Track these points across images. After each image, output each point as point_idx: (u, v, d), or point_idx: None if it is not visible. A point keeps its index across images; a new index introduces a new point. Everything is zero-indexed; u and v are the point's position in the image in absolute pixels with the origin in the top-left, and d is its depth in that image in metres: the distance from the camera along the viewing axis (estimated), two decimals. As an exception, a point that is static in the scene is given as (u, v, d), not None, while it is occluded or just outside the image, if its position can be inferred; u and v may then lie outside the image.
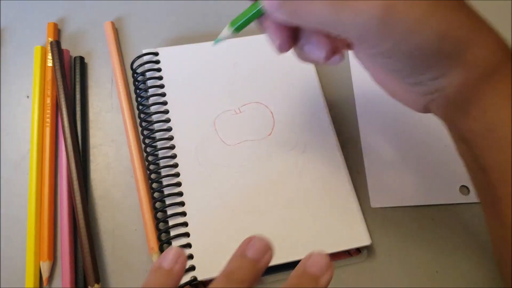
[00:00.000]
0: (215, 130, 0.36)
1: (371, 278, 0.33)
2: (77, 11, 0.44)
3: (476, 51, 0.24)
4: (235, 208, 0.33)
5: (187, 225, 0.33)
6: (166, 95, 0.37)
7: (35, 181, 0.35)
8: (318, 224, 0.33)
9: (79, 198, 0.33)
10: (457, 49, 0.23)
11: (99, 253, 0.34)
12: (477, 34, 0.24)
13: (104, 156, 0.37)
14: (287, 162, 0.35)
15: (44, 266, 0.33)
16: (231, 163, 0.35)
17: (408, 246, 0.35)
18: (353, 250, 0.34)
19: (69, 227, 0.34)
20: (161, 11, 0.44)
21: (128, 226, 0.35)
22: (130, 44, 0.42)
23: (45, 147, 0.37)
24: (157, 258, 0.33)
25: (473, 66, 0.24)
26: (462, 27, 0.23)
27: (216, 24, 0.44)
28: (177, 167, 0.34)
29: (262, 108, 0.37)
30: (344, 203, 0.34)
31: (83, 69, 0.41)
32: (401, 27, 0.22)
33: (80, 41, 0.42)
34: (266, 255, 0.25)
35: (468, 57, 0.24)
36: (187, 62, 0.39)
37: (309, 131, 0.36)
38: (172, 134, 0.36)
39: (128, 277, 0.33)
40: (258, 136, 0.36)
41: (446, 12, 0.23)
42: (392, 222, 0.35)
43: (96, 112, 0.39)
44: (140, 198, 0.35)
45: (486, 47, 0.24)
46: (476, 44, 0.23)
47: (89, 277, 0.31)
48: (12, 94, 0.40)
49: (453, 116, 0.26)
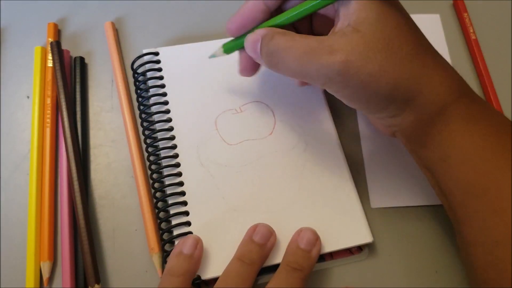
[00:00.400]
0: (216, 129, 0.36)
1: (371, 277, 0.33)
2: (77, 11, 0.44)
3: (425, 96, 0.27)
4: (237, 207, 0.33)
5: (189, 225, 0.33)
6: (167, 95, 0.37)
7: (35, 182, 0.35)
8: (320, 222, 0.33)
9: (79, 199, 0.33)
10: (407, 96, 0.27)
11: (99, 253, 0.34)
12: (427, 81, 0.27)
13: (104, 156, 0.37)
14: (289, 161, 0.35)
15: (44, 266, 0.32)
16: (232, 163, 0.35)
17: (408, 246, 0.35)
18: (354, 249, 0.34)
19: (69, 228, 0.34)
20: (161, 11, 0.44)
21: (129, 226, 0.35)
22: (130, 44, 0.42)
23: (46, 148, 0.37)
24: (157, 259, 0.33)
25: (423, 109, 0.27)
26: (413, 77, 0.26)
27: (216, 24, 0.44)
28: (179, 166, 0.34)
29: (263, 107, 0.37)
30: (345, 201, 0.34)
31: (83, 70, 0.41)
32: (358, 79, 0.26)
33: (80, 42, 0.42)
34: (271, 239, 0.31)
35: (417, 101, 0.27)
36: (188, 62, 0.39)
37: (310, 130, 0.36)
38: (173, 133, 0.36)
39: (129, 277, 0.33)
40: (259, 136, 0.36)
41: (398, 65, 0.26)
42: (393, 222, 0.35)
43: (97, 113, 0.39)
44: (141, 198, 0.35)
45: (435, 91, 0.27)
46: (424, 91, 0.27)
47: (90, 277, 0.31)
48: (12, 95, 0.40)
49: (413, 147, 0.30)
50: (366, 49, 0.26)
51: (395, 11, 0.27)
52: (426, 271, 0.34)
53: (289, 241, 0.31)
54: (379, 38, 0.26)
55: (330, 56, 0.26)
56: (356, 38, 0.26)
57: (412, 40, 0.27)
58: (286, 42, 0.27)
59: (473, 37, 0.43)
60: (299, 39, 0.27)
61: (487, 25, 0.45)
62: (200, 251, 0.31)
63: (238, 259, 0.30)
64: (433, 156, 0.28)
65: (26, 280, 0.32)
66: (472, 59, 0.43)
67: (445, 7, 0.46)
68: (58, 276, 0.33)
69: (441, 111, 0.27)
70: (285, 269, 0.30)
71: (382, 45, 0.26)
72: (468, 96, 0.28)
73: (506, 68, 0.43)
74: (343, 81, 0.26)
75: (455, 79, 0.28)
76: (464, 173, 0.27)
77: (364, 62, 0.26)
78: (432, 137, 0.28)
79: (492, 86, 0.41)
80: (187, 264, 0.30)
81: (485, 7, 0.46)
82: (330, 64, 0.26)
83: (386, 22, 0.26)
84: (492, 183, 0.26)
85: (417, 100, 0.27)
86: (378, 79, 0.26)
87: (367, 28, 0.26)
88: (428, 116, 0.28)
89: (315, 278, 0.33)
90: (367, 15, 0.26)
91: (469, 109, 0.27)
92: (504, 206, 0.25)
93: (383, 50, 0.26)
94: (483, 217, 0.26)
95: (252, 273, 0.30)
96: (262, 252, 0.30)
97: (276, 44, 0.28)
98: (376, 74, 0.26)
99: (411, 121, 0.28)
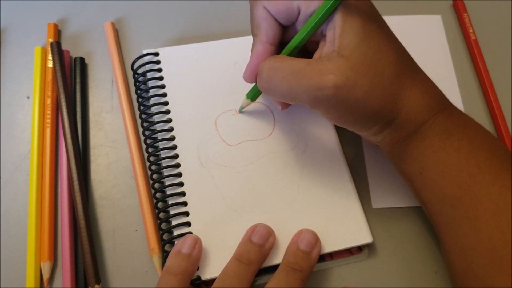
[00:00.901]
0: (216, 130, 0.36)
1: (371, 277, 0.33)
2: (77, 12, 0.44)
3: (402, 116, 0.28)
4: (237, 207, 0.33)
5: (190, 225, 0.33)
6: (167, 95, 0.37)
7: (35, 182, 0.35)
8: (320, 222, 0.33)
9: (80, 199, 0.33)
10: (387, 118, 0.29)
11: (99, 253, 0.34)
12: (405, 102, 0.28)
13: (105, 156, 0.37)
14: (288, 161, 0.35)
15: (44, 266, 0.33)
16: (232, 163, 0.35)
17: (408, 246, 0.35)
18: (354, 249, 0.34)
19: (69, 228, 0.34)
20: (161, 12, 0.44)
21: (129, 227, 0.35)
22: (131, 44, 0.42)
23: (46, 148, 0.37)
24: (157, 259, 0.33)
25: (400, 128, 0.29)
26: (393, 99, 0.28)
27: (216, 25, 0.44)
28: (179, 167, 0.34)
29: (263, 108, 0.37)
30: (345, 202, 0.34)
31: (84, 70, 0.41)
32: (346, 104, 0.27)
33: (80, 42, 0.42)
34: (270, 239, 0.31)
35: (396, 121, 0.29)
36: (188, 62, 0.39)
37: (310, 131, 0.36)
38: (173, 134, 0.36)
39: (129, 277, 0.33)
40: (259, 136, 0.36)
41: (381, 90, 0.27)
42: (393, 222, 0.35)
43: (97, 113, 0.39)
44: (141, 199, 0.35)
45: (412, 111, 0.28)
46: (402, 112, 0.28)
47: (90, 277, 0.31)
48: (13, 95, 0.40)
49: (394, 159, 0.32)
50: (353, 74, 0.27)
51: (376, 33, 0.28)
52: (425, 272, 0.34)
53: (289, 242, 0.32)
54: (362, 62, 0.27)
55: (320, 78, 0.27)
56: (343, 63, 0.27)
57: (393, 60, 0.28)
58: (275, 63, 0.29)
59: (473, 37, 0.43)
60: (287, 61, 0.28)
61: (487, 25, 0.45)
62: (199, 251, 0.31)
63: (236, 259, 0.30)
64: (410, 169, 0.30)
65: (27, 280, 0.32)
66: (472, 59, 0.43)
67: (445, 7, 0.46)
68: (58, 276, 0.33)
69: (417, 129, 0.29)
70: (284, 269, 0.30)
71: (367, 69, 0.27)
72: (446, 110, 0.29)
73: (506, 68, 0.43)
74: (332, 105, 0.28)
75: (433, 96, 0.29)
76: (440, 185, 0.29)
77: (351, 87, 0.27)
78: (410, 152, 0.30)
79: (492, 86, 0.41)
80: (185, 263, 0.30)
81: (485, 7, 0.46)
82: (320, 88, 0.27)
83: (368, 46, 0.27)
84: (466, 193, 0.27)
85: (396, 120, 0.29)
86: (364, 104, 0.27)
87: (351, 53, 0.27)
88: (405, 134, 0.29)
89: (315, 278, 0.33)
90: (350, 39, 0.27)
91: (445, 124, 0.29)
92: (478, 215, 0.27)
93: (368, 75, 0.27)
94: (459, 224, 0.28)
95: (250, 274, 0.30)
96: (261, 252, 0.31)
97: (265, 65, 0.29)
98: (362, 99, 0.27)
99: (390, 139, 0.30)
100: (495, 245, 0.26)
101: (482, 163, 0.28)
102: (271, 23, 0.30)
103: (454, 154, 0.28)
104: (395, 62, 0.28)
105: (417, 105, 0.28)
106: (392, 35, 0.30)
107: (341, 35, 0.27)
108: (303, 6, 0.29)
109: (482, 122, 0.41)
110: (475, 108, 0.41)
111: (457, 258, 0.28)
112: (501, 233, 0.26)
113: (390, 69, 0.27)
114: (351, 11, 0.27)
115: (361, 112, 0.28)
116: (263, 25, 0.30)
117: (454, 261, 0.29)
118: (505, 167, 0.28)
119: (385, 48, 0.28)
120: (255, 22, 0.31)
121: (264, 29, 0.30)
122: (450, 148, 0.28)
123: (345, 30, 0.27)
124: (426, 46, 0.43)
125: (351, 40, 0.27)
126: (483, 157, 0.28)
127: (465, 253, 0.28)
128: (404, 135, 0.29)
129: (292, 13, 0.29)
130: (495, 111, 0.40)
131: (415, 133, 0.29)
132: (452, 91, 0.41)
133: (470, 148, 0.28)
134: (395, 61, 0.28)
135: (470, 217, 0.27)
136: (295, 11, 0.29)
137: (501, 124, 0.39)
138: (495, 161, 0.28)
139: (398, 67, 0.28)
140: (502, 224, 0.26)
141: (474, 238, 0.27)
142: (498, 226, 0.26)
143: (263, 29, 0.30)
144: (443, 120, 0.29)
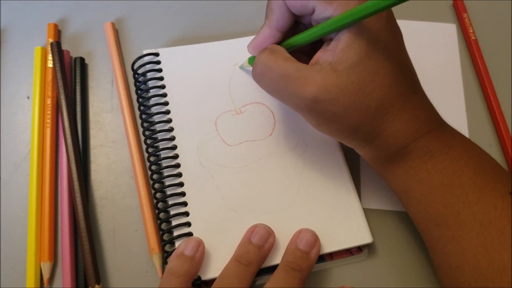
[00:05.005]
0: (216, 130, 0.36)
1: (371, 277, 0.33)
2: (78, 12, 0.44)
3: (383, 139, 0.29)
4: (237, 207, 0.33)
5: (190, 225, 0.33)
6: (168, 95, 0.37)
7: (35, 182, 0.35)
8: (320, 222, 0.33)
9: (80, 199, 0.33)
10: (367, 138, 0.29)
11: (99, 253, 0.34)
12: (388, 126, 0.28)
13: (105, 156, 0.37)
14: (288, 162, 0.35)
15: (44, 266, 0.33)
16: (232, 163, 0.35)
17: (408, 246, 0.35)
18: (354, 249, 0.34)
19: (69, 228, 0.34)
20: (162, 12, 0.44)
21: (129, 227, 0.35)
22: (131, 44, 0.42)
23: (46, 148, 0.37)
24: (157, 259, 0.33)
25: (381, 149, 0.29)
26: (374, 122, 0.28)
27: (216, 25, 0.44)
28: (179, 167, 0.34)
29: (262, 108, 0.37)
30: (345, 202, 0.34)
31: (84, 70, 0.41)
32: (323, 116, 0.28)
33: (80, 42, 0.42)
34: (269, 240, 0.31)
35: (376, 142, 0.29)
36: (188, 63, 0.39)
37: (310, 131, 0.36)
38: (173, 134, 0.36)
39: (129, 278, 0.33)
40: (259, 136, 0.36)
41: (362, 111, 0.27)
42: (393, 222, 0.35)
43: (97, 113, 0.39)
44: (141, 199, 0.35)
45: (395, 135, 0.28)
46: (383, 134, 0.28)
47: (90, 277, 0.31)
48: (13, 95, 0.40)
49: (380, 175, 0.32)
50: (337, 89, 0.27)
51: (378, 53, 0.27)
52: (425, 272, 0.34)
53: (289, 242, 0.31)
54: (353, 81, 0.27)
55: (302, 88, 0.27)
56: (330, 78, 0.27)
57: (387, 83, 0.27)
58: (269, 60, 0.29)
59: (473, 37, 0.43)
60: (280, 61, 0.29)
61: (487, 25, 0.45)
62: (202, 254, 0.31)
63: (235, 260, 0.30)
64: (395, 187, 0.31)
65: (27, 281, 0.32)
66: (471, 59, 0.43)
67: (445, 7, 0.46)
68: (58, 276, 0.33)
69: (400, 150, 0.29)
70: (283, 269, 0.30)
71: (354, 89, 0.27)
72: (433, 132, 0.29)
73: (506, 68, 0.43)
74: (311, 113, 0.28)
75: (420, 120, 0.29)
76: (424, 204, 0.29)
77: (331, 102, 0.27)
78: (393, 172, 0.30)
79: (492, 86, 0.41)
80: (188, 265, 0.30)
81: (485, 7, 0.46)
82: (301, 96, 0.27)
83: (365, 66, 0.27)
84: (450, 212, 0.28)
85: (376, 141, 0.29)
86: (341, 119, 0.28)
87: (344, 70, 0.27)
88: (386, 154, 0.30)
89: (315, 278, 0.33)
90: (350, 56, 0.27)
91: (427, 147, 0.29)
92: (463, 233, 0.27)
93: (353, 94, 0.27)
94: (444, 243, 0.28)
95: (249, 274, 0.30)
96: (260, 253, 0.31)
97: (260, 58, 0.30)
98: (340, 115, 0.28)
99: (372, 156, 0.31)
100: (480, 263, 0.26)
101: (466, 183, 0.28)
102: (283, 12, 0.30)
103: (436, 175, 0.28)
104: (388, 85, 0.27)
105: (400, 129, 0.28)
106: (398, 54, 0.29)
107: (342, 50, 0.27)
108: (318, 8, 0.28)
109: (482, 122, 0.41)
110: (475, 108, 0.41)
111: (444, 275, 0.29)
112: (485, 252, 0.26)
113: (380, 92, 0.27)
114: (361, 28, 0.27)
115: (338, 126, 0.29)
116: (276, 12, 0.30)
117: (441, 277, 0.29)
118: (491, 185, 0.27)
119: (383, 70, 0.27)
120: (271, 4, 0.31)
121: (275, 15, 0.30)
122: (433, 169, 0.28)
123: (348, 46, 0.27)
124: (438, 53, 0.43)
125: (351, 58, 0.27)
126: (466, 177, 0.28)
127: (452, 270, 0.28)
128: (386, 155, 0.30)
129: (306, 11, 0.29)
130: (495, 111, 0.40)
131: (397, 154, 0.29)
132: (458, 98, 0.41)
133: (453, 169, 0.28)
134: (389, 84, 0.27)
135: (455, 236, 0.27)
136: (310, 10, 0.29)
137: (501, 124, 0.39)
138: (479, 180, 0.28)
139: (390, 91, 0.28)
140: (486, 243, 0.26)
141: (459, 256, 0.27)
142: (482, 245, 0.26)
143: (275, 16, 0.30)
144: (425, 143, 0.29)
